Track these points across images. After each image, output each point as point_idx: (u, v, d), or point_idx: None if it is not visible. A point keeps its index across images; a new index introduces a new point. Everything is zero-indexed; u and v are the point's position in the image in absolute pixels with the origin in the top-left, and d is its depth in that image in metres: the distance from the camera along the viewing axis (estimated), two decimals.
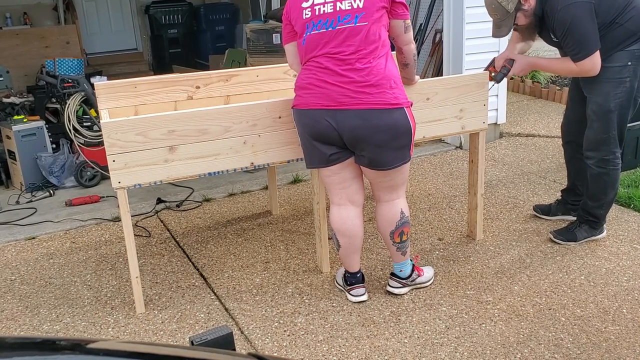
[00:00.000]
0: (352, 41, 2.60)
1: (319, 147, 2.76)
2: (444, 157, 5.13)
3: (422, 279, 3.12)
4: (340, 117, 2.64)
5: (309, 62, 2.70)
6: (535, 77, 6.91)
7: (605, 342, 2.64)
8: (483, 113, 3.38)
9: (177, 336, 2.85)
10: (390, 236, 2.96)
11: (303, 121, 2.76)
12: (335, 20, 2.62)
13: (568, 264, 3.28)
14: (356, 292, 3.02)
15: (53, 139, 5.00)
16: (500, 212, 3.97)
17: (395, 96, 2.63)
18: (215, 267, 3.47)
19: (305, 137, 2.79)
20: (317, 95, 2.66)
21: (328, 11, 2.63)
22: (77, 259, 3.67)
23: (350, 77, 2.61)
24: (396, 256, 3.05)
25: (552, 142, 5.30)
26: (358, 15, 2.60)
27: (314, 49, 2.67)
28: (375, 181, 2.88)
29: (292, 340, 2.77)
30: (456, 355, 2.61)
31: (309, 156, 2.87)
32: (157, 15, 8.90)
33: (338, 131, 2.67)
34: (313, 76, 2.67)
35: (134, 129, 2.75)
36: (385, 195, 2.91)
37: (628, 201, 3.94)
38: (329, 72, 2.64)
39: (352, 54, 2.60)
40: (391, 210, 2.92)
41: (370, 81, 2.60)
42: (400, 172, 2.81)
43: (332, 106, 2.64)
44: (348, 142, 2.72)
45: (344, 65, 2.62)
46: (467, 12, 4.82)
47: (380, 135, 2.65)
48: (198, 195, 4.50)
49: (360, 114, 2.62)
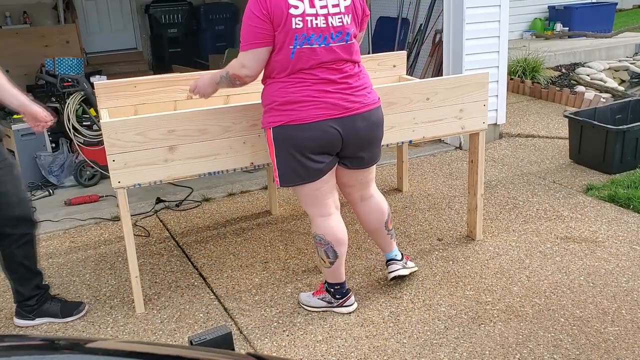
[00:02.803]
0: (343, 56, 2.61)
1: (317, 160, 2.65)
2: (443, 157, 5.13)
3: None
4: (347, 122, 2.62)
5: (297, 74, 2.56)
6: (535, 78, 6.91)
7: (604, 343, 2.64)
8: (483, 113, 3.38)
9: (176, 336, 2.85)
10: (385, 226, 3.00)
11: (303, 135, 2.59)
12: (328, 37, 2.55)
13: (567, 265, 3.28)
14: (350, 301, 2.95)
15: (52, 138, 5.00)
16: (499, 212, 3.97)
17: (376, 94, 2.78)
18: (214, 266, 3.47)
19: (299, 152, 2.62)
20: (320, 106, 2.57)
21: (321, 25, 2.52)
22: (76, 258, 3.67)
23: (348, 84, 2.63)
24: (390, 244, 3.10)
25: (552, 143, 5.30)
26: (349, 33, 2.60)
27: (304, 62, 2.54)
28: (357, 181, 2.88)
29: (291, 340, 2.77)
30: (455, 355, 2.61)
31: (299, 173, 2.67)
32: (157, 15, 8.89)
33: (343, 138, 2.64)
34: (308, 88, 2.56)
35: (133, 128, 2.75)
36: (368, 191, 2.95)
37: (627, 202, 3.94)
38: (326, 82, 2.58)
39: (344, 64, 2.63)
40: (380, 202, 2.98)
41: (364, 84, 2.71)
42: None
43: (338, 114, 2.60)
44: (350, 147, 2.69)
45: (339, 74, 2.61)
46: (467, 12, 4.82)
47: (376, 132, 2.77)
48: (197, 195, 4.50)
49: (363, 116, 2.67)
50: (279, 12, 2.46)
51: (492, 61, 5.07)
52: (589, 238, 3.57)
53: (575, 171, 4.61)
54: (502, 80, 5.23)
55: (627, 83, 7.19)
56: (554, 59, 7.49)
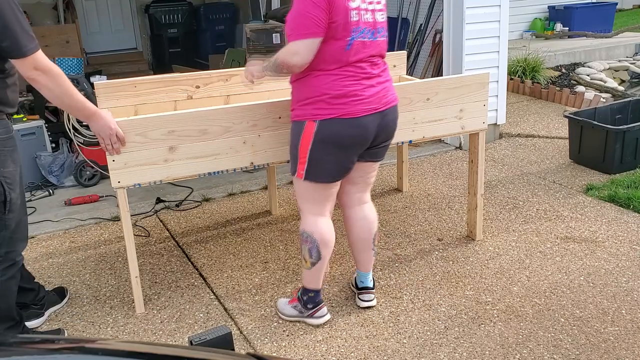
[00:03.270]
0: (383, 50, 2.70)
1: (351, 159, 2.67)
2: (443, 157, 5.13)
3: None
4: (384, 116, 2.66)
5: (349, 67, 2.56)
6: (535, 78, 6.91)
7: (604, 343, 2.64)
8: (483, 113, 3.38)
9: (176, 336, 2.85)
10: (373, 239, 2.94)
11: (350, 131, 2.57)
12: (375, 32, 2.61)
13: (567, 265, 3.28)
14: (321, 313, 2.87)
15: (52, 138, 5.00)
16: (499, 212, 3.97)
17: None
18: (214, 267, 3.47)
19: (340, 148, 2.60)
20: (366, 101, 2.58)
21: (369, 20, 2.58)
22: (76, 258, 3.67)
23: (385, 78, 2.69)
24: (370, 262, 3.00)
25: (552, 143, 5.30)
26: (385, 28, 2.70)
27: (355, 55, 2.56)
28: (363, 177, 2.85)
29: (291, 340, 2.77)
30: (455, 355, 2.61)
31: (331, 170, 2.66)
32: (157, 15, 8.90)
33: (376, 132, 2.66)
34: (358, 83, 2.57)
35: (134, 128, 2.75)
36: (366, 194, 2.93)
37: (627, 202, 3.95)
38: (372, 77, 2.61)
39: (380, 58, 2.69)
40: (373, 211, 2.96)
41: (391, 79, 2.77)
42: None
43: (380, 108, 2.63)
44: (377, 140, 2.70)
45: (378, 69, 2.66)
46: (467, 12, 4.82)
47: (396, 125, 2.80)
48: (197, 195, 4.50)
49: (392, 110, 2.72)
50: (340, 2, 2.46)
51: (492, 61, 5.07)
52: (589, 238, 3.57)
53: (575, 171, 4.61)
54: (502, 80, 5.23)
55: (627, 83, 7.19)
56: (554, 59, 7.49)
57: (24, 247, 2.66)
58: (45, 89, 2.44)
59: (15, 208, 2.52)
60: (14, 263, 2.60)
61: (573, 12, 8.74)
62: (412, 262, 3.39)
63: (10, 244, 2.55)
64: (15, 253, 2.59)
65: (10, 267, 2.58)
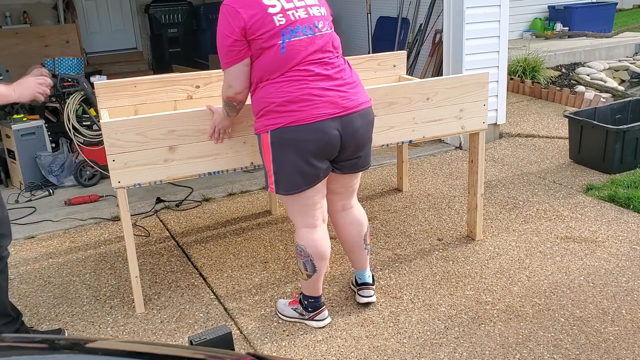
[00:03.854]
0: (328, 46, 2.58)
1: (316, 165, 2.55)
2: (443, 157, 5.13)
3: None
4: (346, 122, 2.54)
5: (292, 71, 2.48)
6: (535, 78, 6.91)
7: (604, 343, 2.64)
8: (483, 113, 3.38)
9: (176, 336, 2.85)
10: (364, 239, 2.92)
11: (305, 137, 2.49)
12: (313, 27, 2.52)
13: (567, 265, 3.28)
14: (322, 316, 2.85)
15: (52, 138, 5.00)
16: (499, 212, 3.97)
17: (366, 91, 2.72)
18: (214, 266, 3.47)
19: (300, 156, 2.52)
20: (321, 105, 2.48)
21: (303, 16, 2.49)
22: (76, 258, 3.67)
23: (343, 79, 2.57)
24: (365, 260, 2.99)
25: (552, 143, 5.30)
26: (327, 22, 2.60)
27: (295, 56, 2.48)
28: (345, 188, 2.79)
29: (291, 340, 2.77)
30: (455, 355, 2.61)
31: (297, 180, 2.57)
32: (157, 15, 8.90)
33: (342, 139, 2.55)
34: (307, 86, 2.48)
35: (133, 128, 2.75)
36: (351, 200, 2.87)
37: (627, 202, 3.94)
38: (323, 78, 2.51)
39: (332, 57, 2.58)
40: (360, 213, 2.91)
41: (355, 80, 2.64)
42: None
43: (338, 113, 2.51)
44: (348, 149, 2.60)
45: (333, 69, 2.55)
46: (467, 12, 4.82)
47: (371, 131, 2.69)
48: (197, 195, 4.50)
49: (361, 114, 2.60)
50: (256, 16, 2.43)
51: (492, 61, 5.07)
52: (589, 238, 3.57)
53: (575, 171, 4.61)
54: (502, 80, 5.23)
55: (627, 83, 7.19)
56: (554, 59, 7.49)
57: (9, 243, 2.66)
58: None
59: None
60: (1, 258, 2.60)
61: (573, 12, 8.74)
62: (412, 262, 3.39)
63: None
64: (1, 249, 2.60)
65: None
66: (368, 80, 3.97)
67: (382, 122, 3.13)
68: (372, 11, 6.78)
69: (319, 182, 2.63)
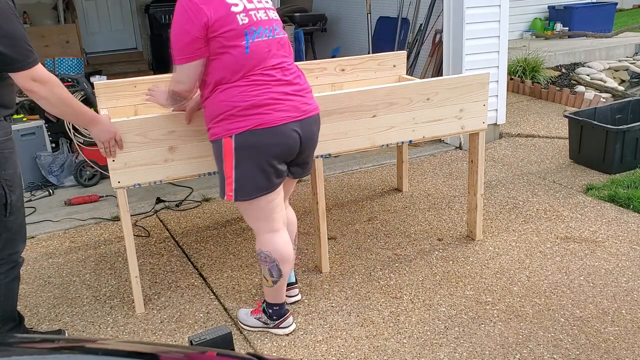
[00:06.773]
0: (285, 51, 2.57)
1: (278, 168, 2.53)
2: (443, 157, 5.13)
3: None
4: (305, 125, 2.54)
5: (254, 75, 2.44)
6: (535, 78, 6.92)
7: (604, 343, 2.64)
8: (483, 113, 3.38)
9: (176, 336, 2.85)
10: (294, 240, 2.94)
11: (270, 140, 2.46)
12: (272, 29, 2.50)
13: (567, 265, 3.28)
14: (287, 323, 2.81)
15: (52, 138, 4.99)
16: (499, 212, 3.97)
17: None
18: (214, 266, 3.47)
19: (265, 160, 2.49)
20: (284, 108, 2.47)
21: (263, 18, 2.47)
22: (76, 258, 3.67)
23: (300, 85, 2.57)
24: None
25: (552, 143, 5.30)
26: (281, 27, 2.60)
27: (258, 57, 2.44)
28: (287, 191, 2.85)
29: (291, 340, 2.77)
30: (455, 355, 2.61)
31: (259, 184, 2.53)
32: (157, 15, 8.90)
33: (301, 142, 2.54)
34: (270, 90, 2.45)
35: (134, 129, 2.75)
36: (286, 202, 2.91)
37: (627, 202, 3.94)
38: (284, 83, 2.49)
39: (290, 62, 2.59)
40: (292, 215, 2.95)
41: (309, 87, 2.64)
42: None
43: (298, 116, 2.50)
44: (304, 152, 2.60)
45: (290, 75, 2.54)
46: (467, 12, 4.82)
47: (318, 137, 2.70)
48: (197, 195, 4.50)
49: (315, 119, 2.62)
50: (219, 14, 2.37)
51: (492, 61, 5.07)
52: (589, 238, 3.57)
53: (575, 171, 4.61)
54: (502, 80, 5.23)
55: (627, 83, 7.19)
56: (554, 59, 7.49)
57: (24, 248, 2.66)
58: (43, 100, 2.42)
59: (15, 210, 2.52)
60: (16, 264, 2.60)
61: (573, 12, 8.75)
62: (412, 262, 3.39)
63: (12, 246, 2.55)
64: (17, 255, 2.59)
65: (13, 269, 2.58)
66: (368, 80, 3.98)
67: (382, 122, 3.13)
68: (372, 11, 6.79)
69: (279, 186, 2.62)
